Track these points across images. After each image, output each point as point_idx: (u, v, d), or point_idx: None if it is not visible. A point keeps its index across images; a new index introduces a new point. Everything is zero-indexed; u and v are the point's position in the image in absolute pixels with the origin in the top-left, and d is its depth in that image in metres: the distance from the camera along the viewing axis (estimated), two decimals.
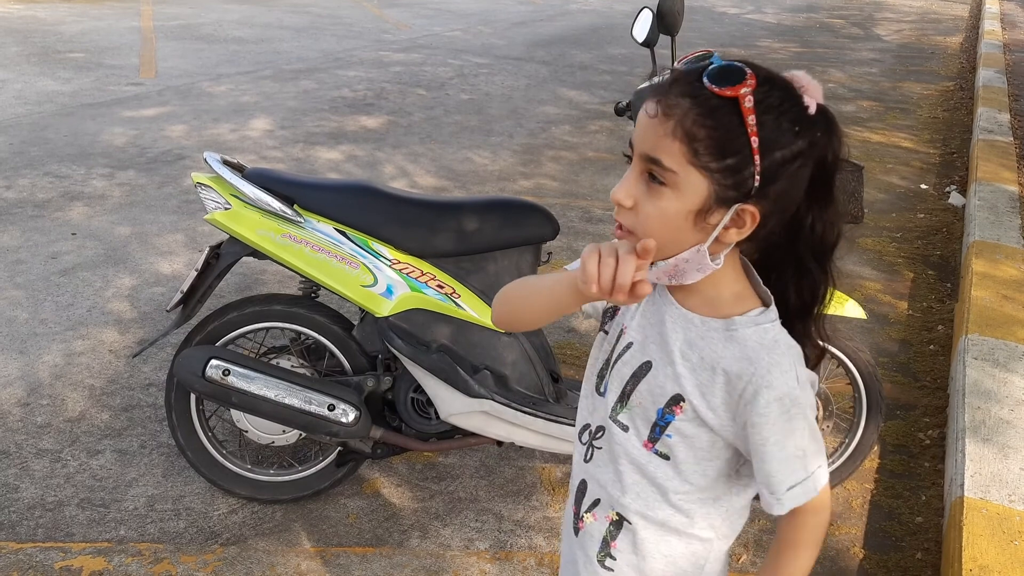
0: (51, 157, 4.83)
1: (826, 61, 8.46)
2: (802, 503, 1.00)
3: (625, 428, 1.06)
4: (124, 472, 2.43)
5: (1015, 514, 2.14)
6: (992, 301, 3.23)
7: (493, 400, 2.14)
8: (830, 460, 2.37)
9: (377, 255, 2.11)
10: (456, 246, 2.15)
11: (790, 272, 1.03)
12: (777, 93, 0.92)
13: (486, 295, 2.19)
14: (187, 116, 5.69)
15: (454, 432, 2.26)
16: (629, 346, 1.07)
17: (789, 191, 0.95)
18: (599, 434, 1.10)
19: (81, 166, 4.71)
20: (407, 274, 2.13)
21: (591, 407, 1.13)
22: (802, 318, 1.04)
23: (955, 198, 4.78)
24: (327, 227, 2.11)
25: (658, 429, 1.03)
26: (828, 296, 1.05)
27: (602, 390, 1.11)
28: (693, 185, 0.92)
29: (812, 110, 0.94)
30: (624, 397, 1.06)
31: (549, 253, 2.33)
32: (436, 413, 2.20)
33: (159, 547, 2.17)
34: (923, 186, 5.03)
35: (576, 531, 1.14)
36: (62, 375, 2.86)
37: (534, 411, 2.17)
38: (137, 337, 3.09)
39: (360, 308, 2.16)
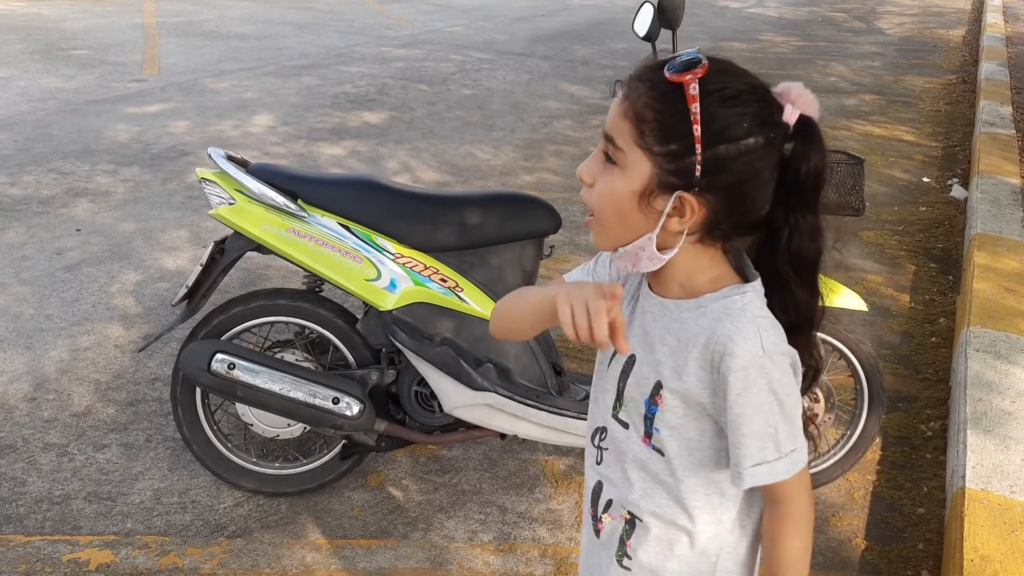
0: (55, 154, 4.84)
1: (828, 55, 8.44)
2: (767, 483, 0.97)
3: (625, 425, 1.07)
4: (130, 466, 2.45)
5: (1016, 505, 2.15)
6: (994, 293, 3.23)
7: (496, 393, 2.16)
8: (832, 451, 2.39)
9: (380, 249, 2.13)
10: (459, 240, 2.16)
11: (774, 287, 1.00)
12: (736, 87, 0.92)
13: (489, 288, 2.20)
14: (190, 112, 5.71)
15: (458, 425, 2.27)
16: None
17: (743, 189, 0.94)
18: (603, 435, 1.11)
19: (85, 162, 4.73)
20: (410, 268, 2.14)
21: (596, 409, 1.14)
22: (793, 335, 1.00)
23: (957, 191, 4.78)
24: (331, 221, 2.12)
25: (648, 423, 1.03)
26: (819, 316, 1.02)
27: (600, 391, 1.12)
28: (638, 166, 0.94)
29: (788, 116, 0.93)
30: (619, 394, 1.07)
31: (551, 247, 2.34)
32: (440, 406, 2.22)
33: (166, 540, 2.18)
34: (925, 179, 5.03)
35: (597, 533, 1.13)
36: (68, 370, 2.88)
37: (537, 404, 2.19)
38: (142, 332, 3.11)
39: (364, 302, 2.17)
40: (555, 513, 2.33)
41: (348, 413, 2.15)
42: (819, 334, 2.33)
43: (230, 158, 2.15)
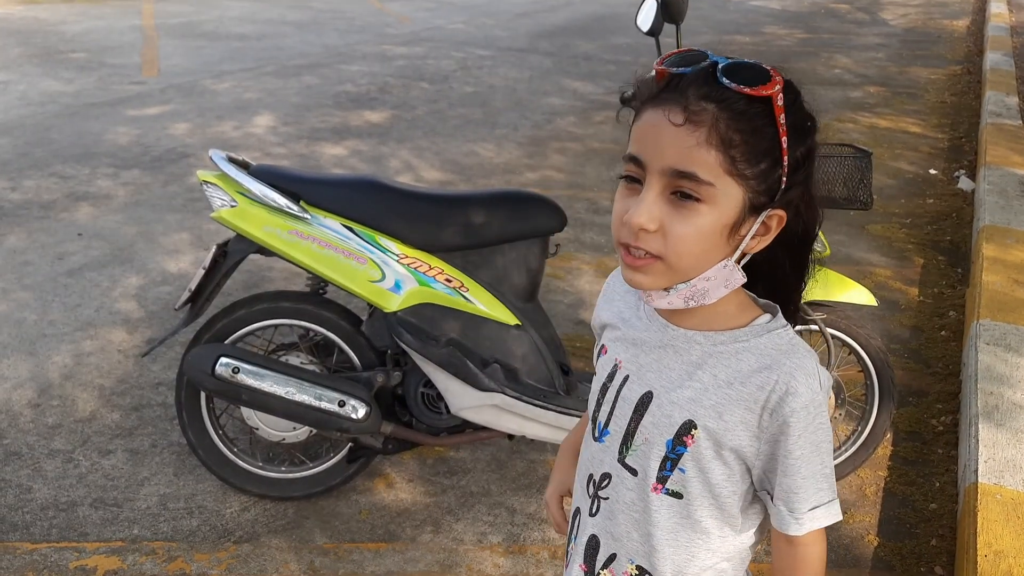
0: (56, 158, 4.83)
1: (832, 47, 8.40)
2: (825, 525, 0.94)
3: (634, 472, 0.99)
4: (136, 471, 2.43)
5: None
6: (1003, 286, 3.20)
7: (503, 393, 2.14)
8: (843, 448, 2.36)
9: (384, 250, 2.11)
10: (464, 240, 2.14)
11: (764, 270, 0.97)
12: (790, 87, 0.88)
13: (494, 288, 2.18)
14: (190, 114, 5.69)
15: (465, 426, 2.25)
16: (626, 379, 1.00)
17: (806, 187, 0.90)
18: (604, 483, 1.02)
19: (86, 166, 4.72)
20: (415, 268, 2.12)
21: (591, 455, 1.05)
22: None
23: (964, 183, 4.75)
24: (334, 223, 2.10)
25: (669, 464, 0.96)
26: (800, 295, 1.01)
27: (597, 434, 1.03)
28: (730, 196, 0.85)
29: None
30: (628, 437, 0.99)
31: (557, 245, 2.32)
32: (446, 407, 2.20)
33: (173, 545, 2.17)
34: (932, 171, 5.00)
35: None
36: (72, 376, 2.87)
37: (545, 404, 2.17)
38: (146, 337, 3.10)
39: (368, 303, 2.15)
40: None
41: (354, 416, 2.13)
42: (829, 330, 2.31)
43: (231, 160, 2.14)
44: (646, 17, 2.31)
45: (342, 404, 2.12)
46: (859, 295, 2.23)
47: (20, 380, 2.84)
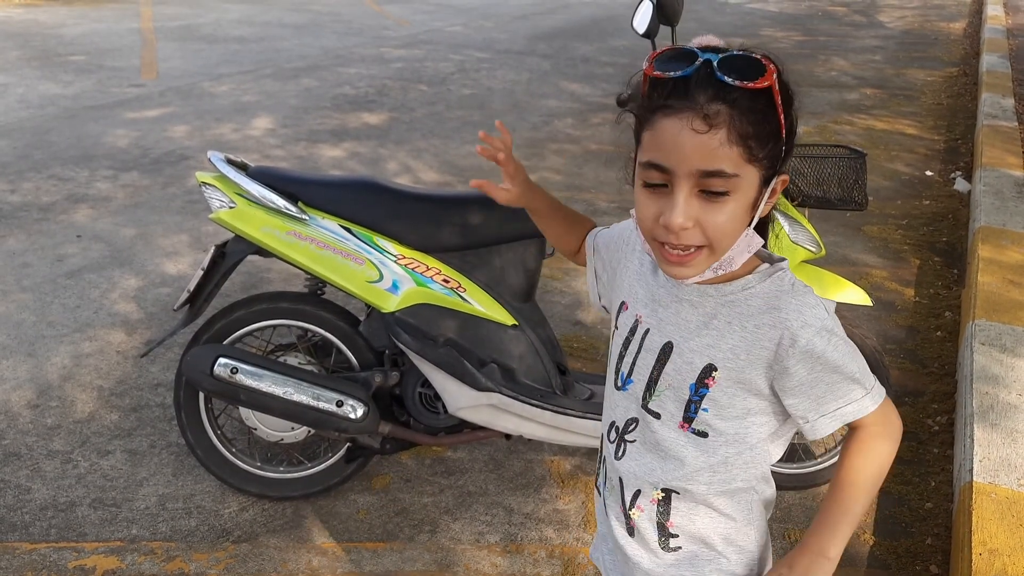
0: (55, 160, 4.84)
1: (829, 49, 8.42)
2: (856, 417, 1.02)
3: (657, 415, 1.07)
4: (135, 472, 2.44)
5: None
6: (999, 286, 3.22)
7: (501, 393, 2.15)
8: (839, 448, 2.37)
9: (382, 251, 2.12)
10: (461, 240, 2.15)
11: None
12: (775, 63, 0.94)
13: (491, 289, 2.19)
14: (189, 116, 5.70)
15: (462, 426, 2.26)
16: (647, 332, 1.08)
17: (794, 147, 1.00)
18: (631, 427, 1.11)
19: (85, 168, 4.73)
20: (412, 269, 2.13)
21: (613, 403, 1.14)
22: None
23: (960, 184, 4.76)
24: (332, 223, 2.11)
25: (692, 407, 1.04)
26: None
27: (620, 383, 1.12)
28: (750, 180, 0.94)
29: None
30: (652, 383, 1.07)
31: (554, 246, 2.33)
32: (444, 407, 2.21)
33: (171, 545, 2.18)
34: (928, 172, 5.01)
35: (631, 531, 1.13)
36: (71, 377, 2.88)
37: (542, 403, 2.18)
38: (144, 338, 3.10)
39: (366, 304, 2.16)
40: (562, 513, 2.32)
41: (352, 416, 2.14)
42: None
43: (230, 161, 2.15)
44: (642, 19, 2.32)
45: (340, 404, 2.13)
46: (854, 295, 2.25)
47: (19, 381, 2.84)
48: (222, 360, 2.10)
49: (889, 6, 11.42)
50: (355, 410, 2.14)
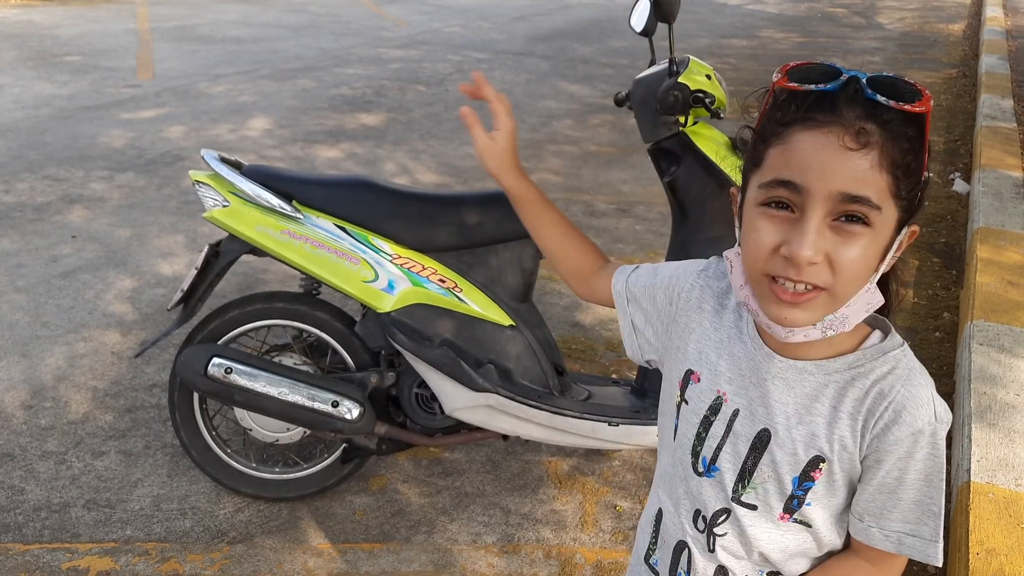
0: (50, 160, 4.83)
1: (829, 50, 8.42)
2: (916, 558, 0.90)
3: (753, 507, 0.95)
4: (129, 473, 2.42)
5: (1021, 497, 2.13)
6: (997, 287, 3.21)
7: (498, 394, 2.13)
8: None
9: (378, 250, 2.10)
10: (457, 240, 2.14)
11: None
12: None
13: (488, 288, 2.18)
14: (185, 117, 5.69)
15: (459, 427, 2.25)
16: (736, 414, 0.95)
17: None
18: (721, 519, 0.98)
19: (80, 169, 4.71)
20: (408, 269, 2.12)
21: (694, 490, 1.00)
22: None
23: (959, 185, 4.76)
24: (327, 223, 2.10)
25: (796, 501, 0.93)
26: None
27: (702, 469, 0.98)
28: (889, 220, 0.82)
29: None
30: (745, 474, 0.95)
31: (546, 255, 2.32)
32: (441, 408, 2.19)
33: (166, 546, 2.16)
34: (927, 173, 5.00)
35: None
36: (65, 377, 2.86)
37: (539, 404, 2.16)
38: (139, 339, 3.09)
39: (362, 304, 2.15)
40: (559, 514, 2.30)
41: (348, 416, 2.12)
42: None
43: (224, 160, 2.13)
44: (639, 17, 2.32)
45: (336, 405, 2.12)
46: None
47: (13, 382, 2.83)
48: (216, 360, 2.09)
49: (888, 7, 11.43)
50: (351, 411, 2.12)
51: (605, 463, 2.50)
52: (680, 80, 2.09)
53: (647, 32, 2.29)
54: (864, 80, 0.81)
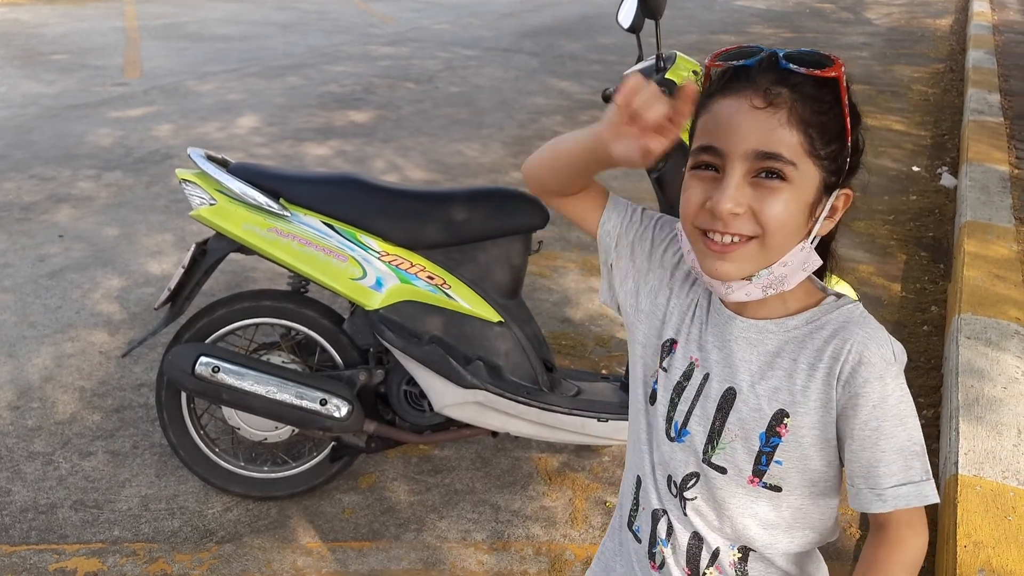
0: (37, 159, 4.79)
1: (817, 45, 8.34)
2: (913, 505, 0.89)
3: (723, 470, 0.96)
4: (117, 473, 2.41)
5: (1008, 490, 2.14)
6: (984, 281, 3.23)
7: (487, 390, 2.13)
8: None
9: (365, 247, 2.10)
10: (446, 236, 2.13)
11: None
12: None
13: (477, 285, 2.17)
14: (174, 115, 5.66)
15: (448, 424, 2.25)
16: (707, 378, 0.98)
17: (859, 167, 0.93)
18: (690, 483, 0.99)
19: (67, 168, 4.68)
20: (396, 266, 2.11)
21: (666, 455, 1.01)
22: None
23: (947, 179, 4.78)
24: (314, 220, 2.09)
25: (764, 458, 0.94)
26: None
27: (673, 434, 1.00)
28: (808, 177, 0.87)
29: None
30: (714, 435, 0.96)
31: (540, 242, 2.32)
32: (430, 405, 2.19)
33: (154, 546, 2.15)
34: (915, 168, 5.03)
35: None
36: (52, 377, 2.84)
37: (528, 400, 2.16)
38: (127, 338, 3.07)
39: (350, 301, 2.14)
40: (549, 511, 2.30)
41: (336, 414, 2.12)
42: None
43: (210, 158, 2.12)
44: (627, 14, 2.31)
45: (324, 403, 2.11)
46: (841, 290, 2.24)
47: (0, 383, 2.81)
48: (203, 359, 2.08)
49: (876, 3, 11.46)
50: (339, 409, 2.12)
51: (595, 459, 2.51)
52: (667, 76, 2.09)
53: (634, 28, 2.29)
54: (781, 54, 0.88)
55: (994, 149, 4.83)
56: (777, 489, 0.95)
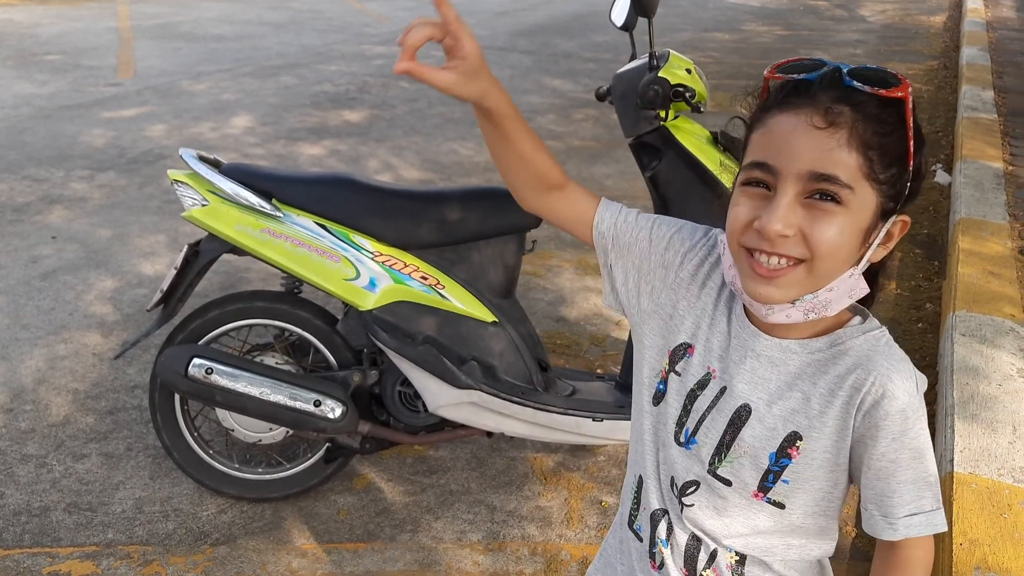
0: (29, 160, 4.77)
1: (811, 43, 8.45)
2: (923, 535, 0.91)
3: (728, 482, 0.96)
4: (110, 475, 2.40)
5: (1004, 487, 2.14)
6: (979, 278, 3.23)
7: (481, 391, 2.13)
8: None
9: (359, 248, 2.09)
10: (439, 236, 2.13)
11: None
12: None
13: (471, 285, 2.17)
14: (167, 116, 5.64)
15: (443, 424, 2.24)
16: (723, 391, 0.96)
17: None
18: (690, 489, 0.99)
19: (60, 169, 4.66)
20: (390, 266, 2.10)
21: (671, 457, 1.00)
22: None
23: (941, 176, 4.78)
24: (307, 221, 2.08)
25: (771, 476, 0.93)
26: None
27: (683, 440, 0.99)
28: (865, 201, 0.84)
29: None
30: (723, 448, 0.96)
31: (534, 241, 2.31)
32: (424, 406, 2.18)
33: (148, 549, 2.14)
34: (917, 162, 5.03)
35: None
36: (45, 380, 2.83)
37: (523, 400, 2.16)
38: (121, 340, 3.06)
39: (344, 302, 2.13)
40: (544, 510, 2.30)
41: (330, 415, 2.11)
42: None
43: (203, 158, 2.11)
44: (620, 12, 2.31)
45: (318, 404, 2.10)
46: None
47: None
48: (197, 360, 2.07)
49: (870, 0, 11.47)
50: (334, 410, 2.11)
51: (590, 459, 2.50)
52: (660, 75, 2.09)
53: (627, 27, 2.29)
54: (845, 70, 0.85)
55: (988, 146, 4.83)
56: (780, 506, 0.95)
